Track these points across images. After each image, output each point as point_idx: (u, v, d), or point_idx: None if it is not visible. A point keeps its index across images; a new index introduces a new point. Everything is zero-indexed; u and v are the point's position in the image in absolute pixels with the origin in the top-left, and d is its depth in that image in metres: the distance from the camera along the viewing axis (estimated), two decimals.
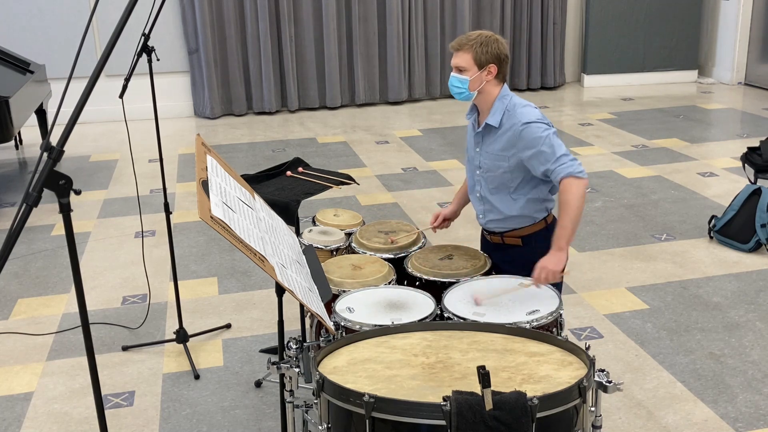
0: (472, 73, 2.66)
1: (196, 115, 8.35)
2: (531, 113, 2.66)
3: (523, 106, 2.69)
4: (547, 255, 2.54)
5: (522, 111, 2.66)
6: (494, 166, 2.75)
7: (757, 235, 4.52)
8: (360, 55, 8.43)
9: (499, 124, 2.69)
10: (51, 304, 4.17)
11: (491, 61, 2.65)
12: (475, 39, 2.65)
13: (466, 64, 2.66)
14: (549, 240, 2.74)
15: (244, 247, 1.97)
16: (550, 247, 2.74)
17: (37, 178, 1.74)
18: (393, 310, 2.41)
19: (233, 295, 4.21)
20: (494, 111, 2.70)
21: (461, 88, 2.68)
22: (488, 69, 2.66)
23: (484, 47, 2.63)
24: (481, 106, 2.76)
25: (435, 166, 6.37)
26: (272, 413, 3.14)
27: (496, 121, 2.69)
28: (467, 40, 2.66)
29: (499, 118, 2.69)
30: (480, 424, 1.66)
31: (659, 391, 3.22)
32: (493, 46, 2.65)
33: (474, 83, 2.67)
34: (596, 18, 8.97)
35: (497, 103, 2.70)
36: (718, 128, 7.40)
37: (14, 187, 6.22)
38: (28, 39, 7.69)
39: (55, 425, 3.12)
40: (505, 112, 2.69)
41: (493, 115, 2.70)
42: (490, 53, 2.64)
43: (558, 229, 2.57)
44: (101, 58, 1.81)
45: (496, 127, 2.70)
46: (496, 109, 2.70)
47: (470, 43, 2.64)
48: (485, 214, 2.86)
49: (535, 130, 2.61)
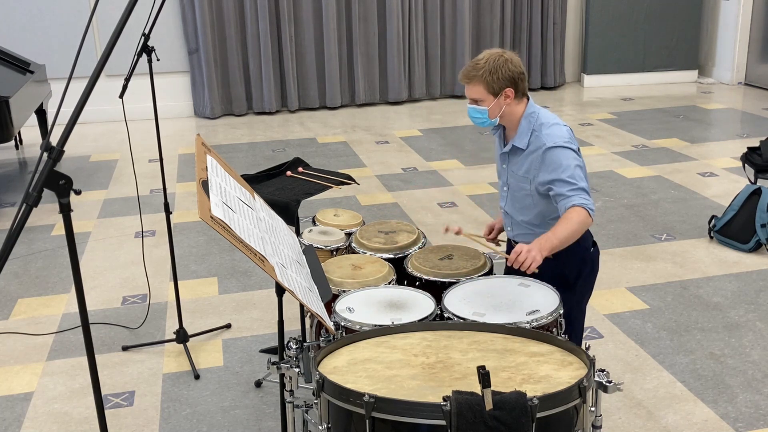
0: (488, 102, 2.53)
1: (196, 115, 8.35)
2: (558, 134, 2.52)
3: (550, 125, 2.55)
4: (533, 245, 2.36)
5: (548, 132, 2.53)
6: (518, 188, 2.65)
7: (757, 235, 4.52)
8: (360, 55, 8.43)
9: (526, 146, 2.57)
10: (51, 304, 4.17)
11: (505, 85, 2.51)
12: (483, 67, 2.49)
13: (479, 95, 2.53)
14: (580, 253, 2.66)
15: (244, 247, 1.97)
16: (579, 260, 2.67)
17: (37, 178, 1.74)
18: (393, 310, 2.41)
19: (233, 295, 4.21)
20: (521, 132, 2.58)
21: (482, 118, 2.56)
22: (504, 93, 2.53)
23: (494, 75, 2.49)
24: (507, 124, 2.65)
25: (435, 166, 6.37)
26: (272, 413, 3.14)
27: (523, 144, 2.57)
28: (475, 70, 2.51)
29: (527, 140, 2.56)
30: (480, 424, 1.66)
31: (659, 391, 3.22)
32: (503, 71, 2.49)
33: (493, 111, 2.55)
34: (596, 18, 8.97)
35: (523, 122, 2.58)
36: (718, 128, 7.40)
37: (14, 187, 6.22)
38: (28, 39, 7.69)
39: (55, 425, 3.12)
40: (532, 133, 2.56)
41: (520, 136, 2.58)
42: (502, 78, 2.50)
43: (551, 232, 2.42)
44: (101, 58, 1.81)
45: (523, 150, 2.59)
46: (523, 129, 2.58)
47: (479, 74, 2.50)
48: (512, 227, 2.77)
49: (559, 156, 2.48)
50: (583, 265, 2.68)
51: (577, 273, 2.67)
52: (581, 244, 2.65)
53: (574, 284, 2.65)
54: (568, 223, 2.41)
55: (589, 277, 2.74)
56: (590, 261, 2.72)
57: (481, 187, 5.71)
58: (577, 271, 2.67)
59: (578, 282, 2.67)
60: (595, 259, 2.75)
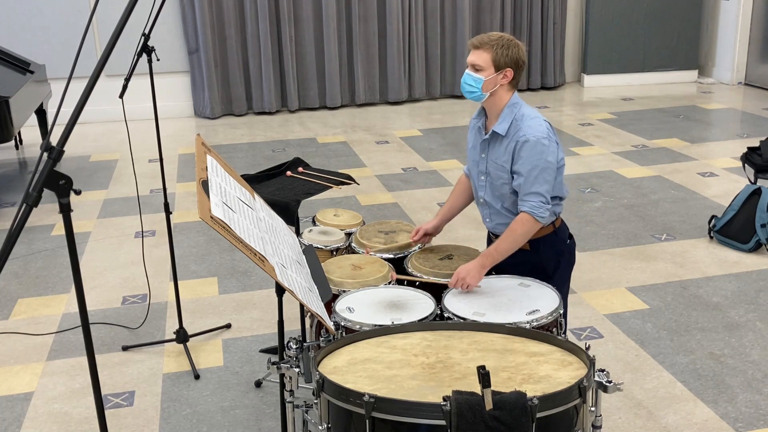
0: (488, 73, 2.58)
1: (196, 115, 8.35)
2: (537, 129, 2.58)
3: (531, 118, 2.62)
4: (471, 266, 2.53)
5: (529, 124, 2.59)
6: (497, 176, 2.70)
7: (757, 235, 4.52)
8: (360, 55, 8.43)
9: (506, 132, 2.63)
10: (51, 304, 4.17)
11: (509, 64, 2.58)
12: (497, 40, 2.58)
13: (483, 63, 2.58)
14: (556, 244, 2.76)
15: (244, 247, 1.97)
16: (556, 251, 2.76)
17: (37, 178, 1.74)
18: (393, 310, 2.41)
19: (233, 295, 4.21)
20: (503, 118, 2.63)
21: (474, 87, 2.61)
22: (504, 72, 2.59)
23: (504, 49, 2.56)
24: (490, 110, 2.69)
25: (435, 166, 6.37)
26: (272, 413, 3.14)
27: (503, 130, 2.63)
28: (488, 39, 2.59)
29: (507, 127, 2.62)
30: (480, 424, 1.66)
31: (659, 391, 3.22)
32: (513, 50, 2.58)
33: (488, 84, 2.59)
34: (596, 18, 8.96)
35: (506, 110, 2.64)
36: (718, 128, 7.40)
37: (14, 187, 6.22)
38: (28, 39, 7.69)
39: (55, 425, 3.12)
40: (513, 122, 2.62)
41: (501, 122, 2.64)
42: (510, 57, 2.57)
43: (492, 248, 2.59)
44: (101, 58, 1.81)
45: (502, 136, 2.64)
46: (505, 116, 2.63)
47: (491, 43, 2.57)
48: (491, 218, 2.82)
49: (531, 153, 2.56)
50: (560, 256, 2.77)
51: (555, 264, 2.75)
52: (558, 235, 2.77)
53: (552, 275, 2.72)
54: (511, 234, 2.58)
55: (567, 268, 2.83)
56: (567, 253, 2.81)
57: None
58: (555, 262, 2.75)
59: (556, 272, 2.75)
60: (572, 250, 2.85)
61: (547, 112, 8.11)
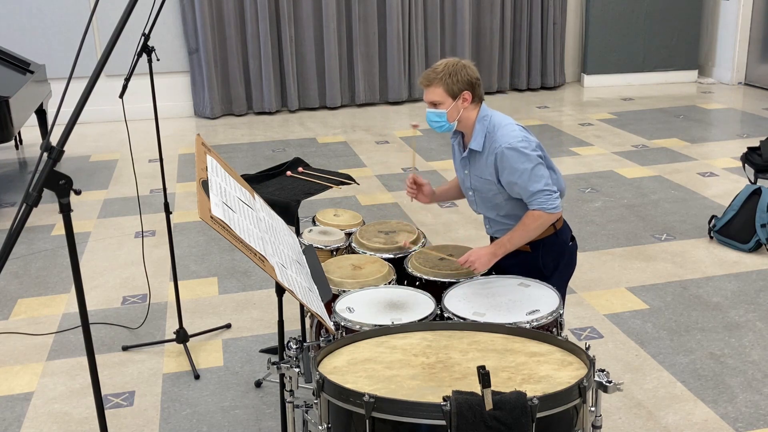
0: (447, 104, 2.63)
1: (196, 115, 8.35)
2: (511, 135, 2.62)
3: (503, 126, 2.65)
4: (483, 251, 2.62)
5: (502, 133, 2.63)
6: (485, 189, 2.74)
7: (757, 235, 4.52)
8: (360, 55, 8.43)
9: (482, 147, 2.67)
10: (51, 304, 4.17)
11: (464, 88, 2.62)
12: (443, 71, 2.61)
13: (439, 97, 2.63)
14: (557, 245, 2.76)
15: (244, 247, 1.97)
16: (556, 253, 2.76)
17: (37, 178, 1.74)
18: (393, 310, 2.41)
19: (233, 295, 4.21)
20: (476, 134, 2.68)
21: (440, 121, 2.66)
22: (462, 96, 2.63)
23: (453, 77, 2.61)
24: (463, 130, 2.74)
25: (435, 166, 6.37)
26: (272, 413, 3.14)
27: (478, 145, 2.67)
28: (435, 74, 2.62)
29: (482, 142, 2.67)
30: (480, 424, 1.66)
31: (659, 391, 3.22)
32: (462, 74, 2.61)
33: (452, 114, 2.64)
34: (596, 18, 8.96)
35: (477, 126, 2.67)
36: (718, 128, 7.40)
37: (14, 187, 6.22)
38: (28, 39, 7.69)
39: (55, 425, 3.12)
40: (486, 135, 2.66)
41: (475, 138, 2.68)
42: (461, 81, 2.61)
43: (505, 239, 2.64)
44: (101, 58, 1.81)
45: (479, 152, 2.68)
46: (477, 132, 2.67)
47: (439, 77, 2.61)
48: (491, 225, 2.87)
49: (514, 160, 2.59)
50: (560, 258, 2.77)
51: (554, 265, 2.76)
52: (559, 237, 2.77)
53: (550, 276, 2.73)
54: (524, 228, 2.62)
55: (566, 270, 2.84)
56: (567, 255, 2.82)
57: None
58: (554, 264, 2.76)
59: (554, 274, 2.76)
60: (573, 253, 2.86)
61: (547, 112, 8.12)
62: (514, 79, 9.07)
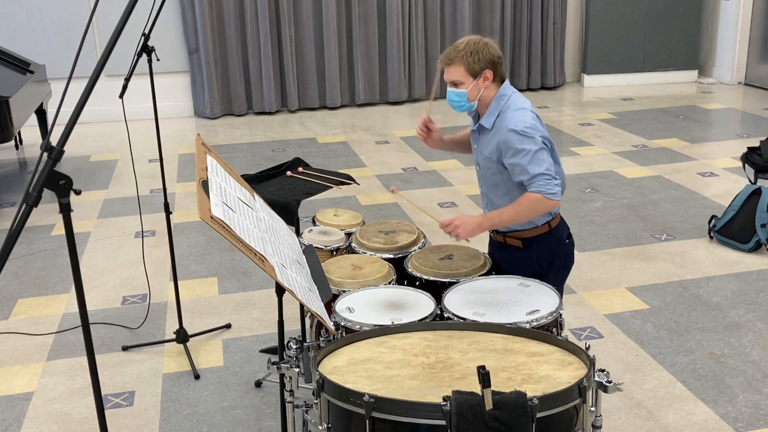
0: (468, 84, 2.58)
1: (196, 115, 8.35)
2: (521, 119, 2.55)
3: (516, 109, 2.59)
4: (470, 219, 2.53)
5: (513, 115, 2.56)
6: (486, 167, 2.71)
7: (757, 235, 4.52)
8: (360, 55, 8.43)
9: (492, 126, 2.62)
10: (51, 304, 4.17)
11: (485, 67, 2.56)
12: (464, 49, 2.55)
13: (460, 77, 2.57)
14: (550, 245, 2.74)
15: (244, 247, 1.97)
16: (550, 251, 2.74)
17: (37, 178, 1.74)
18: (393, 310, 2.41)
19: (233, 295, 4.21)
20: (490, 112, 2.63)
21: (460, 101, 2.61)
22: (484, 75, 2.57)
23: (474, 56, 2.54)
24: (480, 108, 2.70)
25: (435, 166, 6.37)
26: (272, 413, 3.14)
27: (489, 123, 2.63)
28: (456, 52, 2.56)
29: (493, 120, 2.61)
30: (480, 424, 1.66)
31: (659, 391, 3.22)
32: (483, 52, 2.55)
33: (472, 93, 2.60)
34: (596, 18, 8.96)
35: (494, 103, 2.63)
36: (718, 128, 7.40)
37: (14, 187, 6.22)
38: (28, 39, 7.69)
39: (55, 425, 3.12)
40: (499, 114, 2.61)
41: (488, 116, 2.63)
42: (483, 60, 2.55)
43: (495, 212, 2.57)
44: (101, 58, 1.81)
45: (488, 129, 2.64)
46: (492, 110, 2.63)
47: (460, 55, 2.55)
48: (488, 208, 2.83)
49: (517, 141, 2.52)
50: (555, 257, 2.73)
51: (549, 263, 2.72)
52: (554, 236, 2.73)
53: (545, 274, 2.67)
54: (517, 206, 2.54)
55: (562, 269, 2.79)
56: (563, 253, 2.77)
57: None
58: (549, 262, 2.72)
59: (549, 272, 2.70)
60: (570, 251, 2.81)
61: (547, 112, 8.11)
62: (514, 79, 9.07)
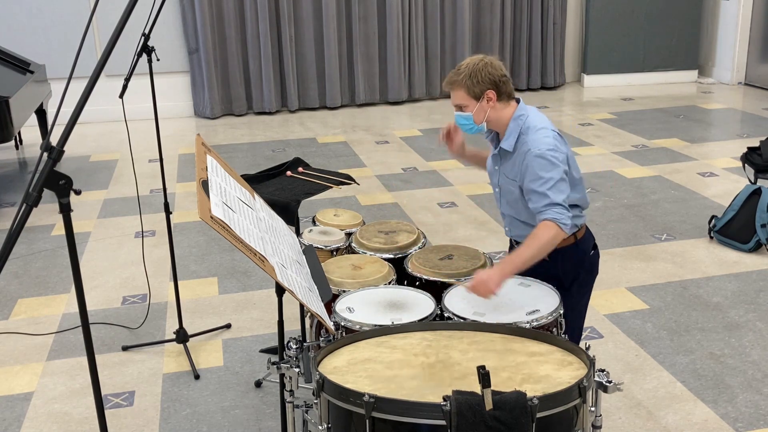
0: (472, 107, 2.56)
1: (196, 115, 8.35)
2: (543, 141, 2.50)
3: (537, 130, 2.54)
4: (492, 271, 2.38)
5: (534, 138, 2.51)
6: (509, 191, 2.66)
7: (757, 235, 4.52)
8: (360, 55, 8.43)
9: (513, 148, 2.58)
10: (51, 304, 4.17)
11: (486, 88, 2.53)
12: (464, 72, 2.53)
13: (462, 100, 2.56)
14: (577, 256, 2.65)
15: (244, 247, 1.97)
16: (576, 262, 2.65)
17: (37, 178, 1.74)
18: (393, 310, 2.41)
19: (233, 295, 4.21)
20: (509, 134, 2.58)
21: (468, 124, 2.59)
22: (486, 96, 2.54)
23: (473, 78, 2.52)
24: (496, 128, 2.65)
25: (435, 166, 6.37)
26: (272, 413, 3.14)
27: (510, 146, 2.57)
28: (456, 76, 2.55)
29: (513, 143, 2.57)
30: (480, 424, 1.66)
31: (659, 391, 3.22)
32: (483, 74, 2.52)
33: (478, 115, 2.56)
34: (596, 18, 8.96)
35: (512, 124, 2.58)
36: (718, 128, 7.40)
37: (14, 187, 6.22)
38: (28, 39, 7.69)
39: (55, 425, 3.12)
40: (519, 136, 2.56)
41: (507, 138, 2.58)
42: (483, 81, 2.52)
43: (513, 255, 2.43)
44: (101, 58, 1.80)
45: (510, 152, 2.59)
46: (511, 131, 2.58)
47: (460, 79, 2.54)
48: (510, 228, 2.78)
49: (540, 168, 2.47)
50: (580, 268, 2.66)
51: (573, 276, 2.64)
52: (579, 247, 2.65)
53: (569, 287, 2.62)
54: (534, 241, 2.41)
55: (587, 281, 2.71)
56: (588, 264, 2.70)
57: (480, 187, 5.70)
58: (574, 274, 2.64)
59: (573, 285, 2.64)
60: (595, 262, 2.73)
61: (547, 112, 8.11)
62: (514, 79, 9.06)
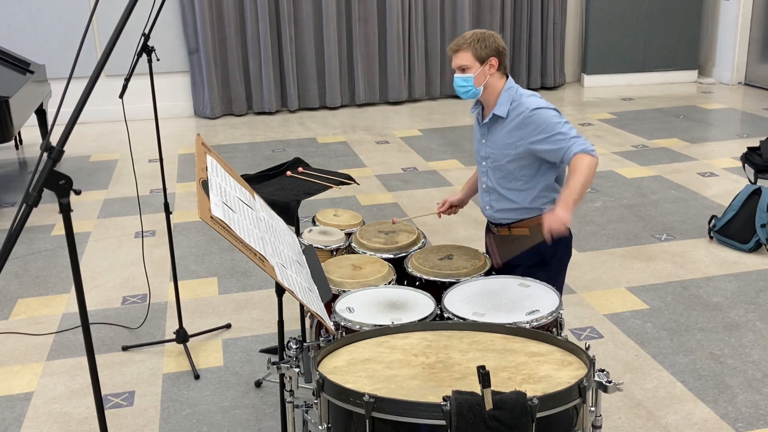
0: (474, 69, 2.73)
1: (196, 115, 8.35)
2: (539, 101, 2.75)
3: (529, 95, 2.77)
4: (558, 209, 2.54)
5: (529, 99, 2.75)
6: (500, 155, 2.80)
7: (757, 235, 4.52)
8: (360, 55, 8.43)
9: (506, 114, 2.76)
10: (51, 304, 4.17)
11: (491, 54, 2.73)
12: (471, 37, 2.74)
13: (467, 62, 2.73)
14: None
15: (244, 247, 1.97)
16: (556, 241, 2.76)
17: (37, 178, 1.74)
18: (393, 310, 2.41)
19: (233, 295, 4.21)
20: (501, 102, 2.77)
21: (467, 86, 2.75)
22: (490, 62, 2.73)
23: (481, 43, 2.72)
24: (486, 100, 2.82)
25: (435, 166, 6.37)
26: (272, 413, 3.14)
27: (503, 112, 2.76)
28: (464, 39, 2.75)
29: (507, 109, 2.76)
30: (480, 424, 1.66)
31: (659, 391, 3.22)
32: (490, 41, 2.73)
33: (479, 78, 2.74)
34: (596, 18, 8.96)
35: (504, 94, 2.78)
36: (718, 128, 7.40)
37: (14, 187, 6.22)
38: (28, 39, 7.69)
39: (55, 425, 3.12)
40: (512, 102, 2.77)
41: (500, 105, 2.77)
42: (489, 47, 2.73)
43: (566, 189, 2.60)
44: (101, 58, 1.81)
45: (503, 118, 2.77)
46: (503, 100, 2.77)
47: (468, 42, 2.73)
48: (492, 205, 2.91)
49: (546, 116, 2.70)
50: (558, 243, 2.80)
51: (553, 251, 2.83)
52: None
53: (549, 261, 2.83)
54: (578, 172, 2.60)
55: (563, 258, 2.91)
56: (565, 242, 2.88)
57: None
58: (553, 250, 2.82)
59: (553, 260, 2.84)
60: (569, 243, 2.93)
61: None
62: (514, 79, 9.04)
